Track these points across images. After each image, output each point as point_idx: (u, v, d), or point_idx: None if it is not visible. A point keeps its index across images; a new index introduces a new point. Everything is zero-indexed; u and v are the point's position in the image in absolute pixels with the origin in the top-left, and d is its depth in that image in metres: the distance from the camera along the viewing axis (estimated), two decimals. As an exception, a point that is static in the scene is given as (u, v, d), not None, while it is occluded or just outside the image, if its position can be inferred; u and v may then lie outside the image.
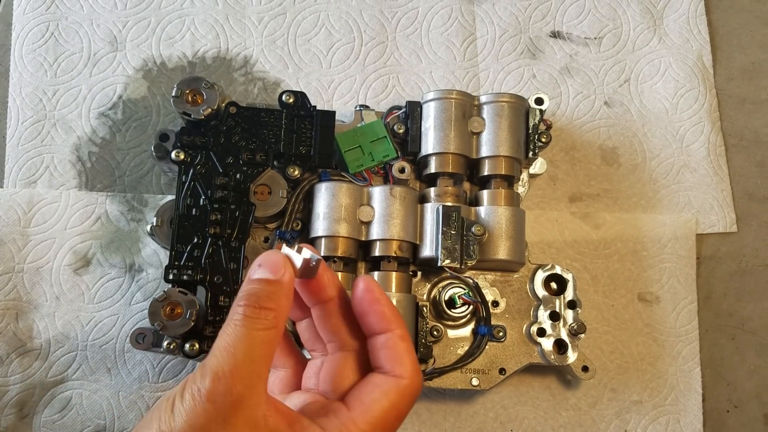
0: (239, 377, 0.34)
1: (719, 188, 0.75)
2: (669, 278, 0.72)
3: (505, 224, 0.64)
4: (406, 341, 0.39)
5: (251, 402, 0.34)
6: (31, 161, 0.73)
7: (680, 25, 0.80)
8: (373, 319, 0.39)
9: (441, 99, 0.66)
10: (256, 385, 0.34)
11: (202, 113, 0.63)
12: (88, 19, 0.77)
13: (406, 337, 0.39)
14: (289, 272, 0.38)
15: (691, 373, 0.71)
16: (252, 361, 0.34)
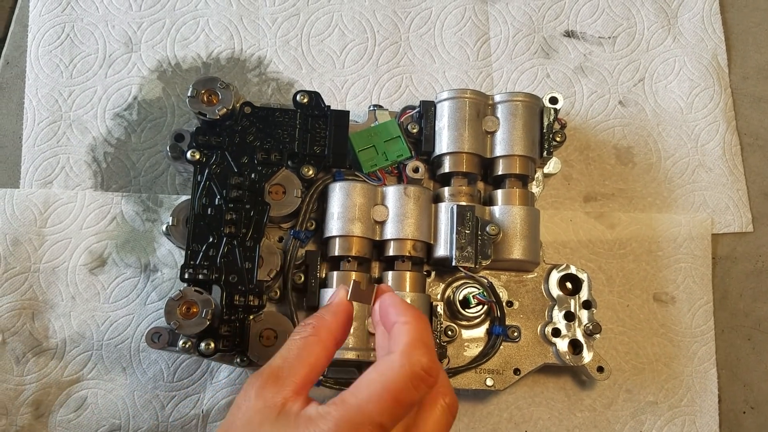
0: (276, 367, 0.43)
1: (735, 188, 0.75)
2: (684, 278, 0.72)
3: (519, 224, 0.64)
4: (408, 324, 0.41)
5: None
6: (47, 162, 0.73)
7: (695, 24, 0.80)
8: (391, 314, 0.43)
9: (455, 98, 0.66)
10: (287, 377, 0.42)
11: (218, 113, 0.63)
12: (103, 20, 0.77)
13: (410, 322, 0.41)
14: (339, 296, 0.47)
15: (707, 373, 0.70)
16: (284, 359, 0.43)
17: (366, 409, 0.38)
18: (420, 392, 0.39)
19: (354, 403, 0.38)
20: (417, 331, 0.41)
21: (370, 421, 0.37)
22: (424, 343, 0.40)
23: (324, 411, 0.39)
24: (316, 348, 0.43)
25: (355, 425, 0.37)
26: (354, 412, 0.38)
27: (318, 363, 0.43)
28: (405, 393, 0.38)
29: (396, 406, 0.38)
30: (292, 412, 0.40)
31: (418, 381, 0.39)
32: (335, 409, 0.38)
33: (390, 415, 0.38)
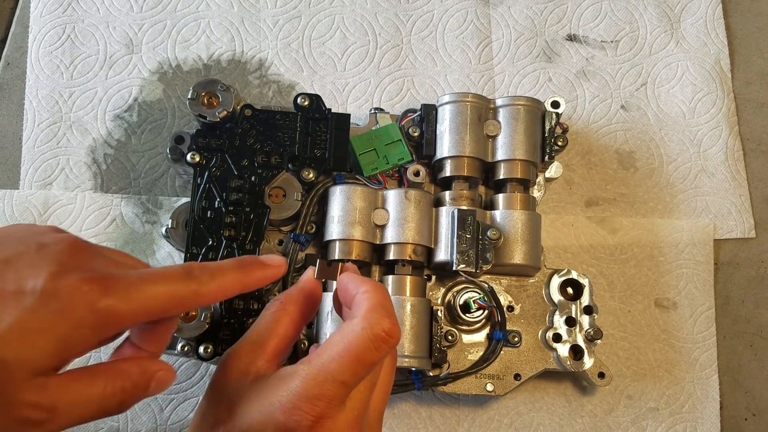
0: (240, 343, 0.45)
1: (737, 193, 0.75)
2: (686, 284, 0.72)
3: (520, 228, 0.63)
4: (368, 293, 0.43)
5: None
6: (47, 163, 0.73)
7: (698, 29, 0.79)
8: (350, 288, 0.45)
9: (456, 102, 0.66)
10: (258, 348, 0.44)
11: (218, 116, 0.63)
12: (104, 21, 0.77)
13: (370, 290, 0.43)
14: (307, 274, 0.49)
15: (708, 380, 0.70)
16: (255, 332, 0.45)
17: (329, 368, 0.39)
18: (381, 352, 0.41)
19: (318, 363, 0.40)
20: (377, 296, 0.43)
21: (332, 379, 0.39)
22: (384, 307, 0.42)
23: (292, 370, 0.41)
24: (284, 320, 0.46)
25: (319, 382, 0.39)
26: (318, 369, 0.39)
27: (287, 334, 0.45)
28: (366, 353, 0.40)
29: (358, 365, 0.40)
30: (266, 377, 0.42)
31: (380, 342, 0.40)
32: (302, 368, 0.40)
33: (352, 374, 0.40)
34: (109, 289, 0.36)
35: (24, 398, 0.34)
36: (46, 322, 0.34)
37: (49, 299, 0.34)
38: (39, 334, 0.34)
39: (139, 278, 0.38)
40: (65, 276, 0.35)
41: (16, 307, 0.34)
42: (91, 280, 0.36)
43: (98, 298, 0.35)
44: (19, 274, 0.35)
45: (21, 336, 0.34)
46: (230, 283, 0.42)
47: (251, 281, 0.44)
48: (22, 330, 0.34)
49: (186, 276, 0.40)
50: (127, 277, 0.37)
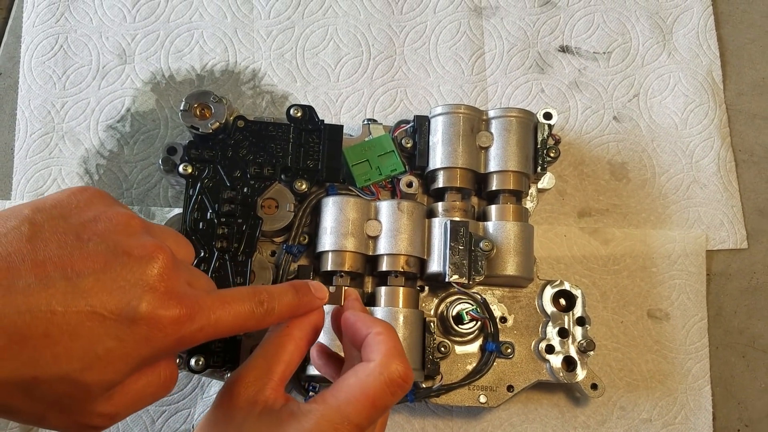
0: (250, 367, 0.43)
1: (729, 204, 0.75)
2: (679, 295, 0.72)
3: (513, 240, 0.63)
4: (382, 335, 0.43)
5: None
6: (39, 173, 0.73)
7: (690, 40, 0.80)
8: (360, 327, 0.45)
9: (449, 113, 0.66)
10: (265, 375, 0.43)
11: (210, 127, 0.62)
12: (97, 32, 0.77)
13: (384, 333, 0.43)
14: None
15: (701, 391, 0.70)
16: (261, 357, 0.44)
17: (345, 411, 0.39)
18: (396, 397, 0.41)
19: (334, 404, 0.40)
20: (391, 340, 0.43)
21: (348, 422, 0.39)
22: (399, 351, 0.42)
23: (306, 409, 0.40)
24: (290, 346, 0.45)
25: (334, 424, 0.39)
26: (334, 412, 0.39)
27: (292, 360, 0.45)
28: (383, 398, 0.40)
29: (373, 409, 0.40)
30: (275, 409, 0.41)
31: (395, 387, 0.41)
32: (316, 408, 0.40)
33: (367, 417, 0.40)
34: (194, 316, 0.37)
35: (94, 410, 0.36)
36: (132, 349, 0.35)
37: (140, 327, 0.34)
38: (122, 360, 0.35)
39: (218, 302, 0.39)
40: (158, 304, 0.35)
41: (107, 334, 0.34)
42: (179, 308, 0.36)
43: (184, 326, 0.36)
44: (109, 296, 0.34)
45: (106, 364, 0.34)
46: (287, 308, 0.44)
47: (302, 308, 0.45)
48: (108, 358, 0.34)
49: (255, 301, 0.41)
50: (208, 301, 0.38)
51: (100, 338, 0.34)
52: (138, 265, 0.36)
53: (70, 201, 0.38)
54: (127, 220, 0.38)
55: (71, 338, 0.33)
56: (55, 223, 0.36)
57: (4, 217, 0.35)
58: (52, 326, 0.32)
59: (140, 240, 0.37)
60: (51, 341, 0.33)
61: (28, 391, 0.33)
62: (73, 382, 0.34)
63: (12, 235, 0.34)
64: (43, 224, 0.35)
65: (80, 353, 0.33)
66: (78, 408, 0.35)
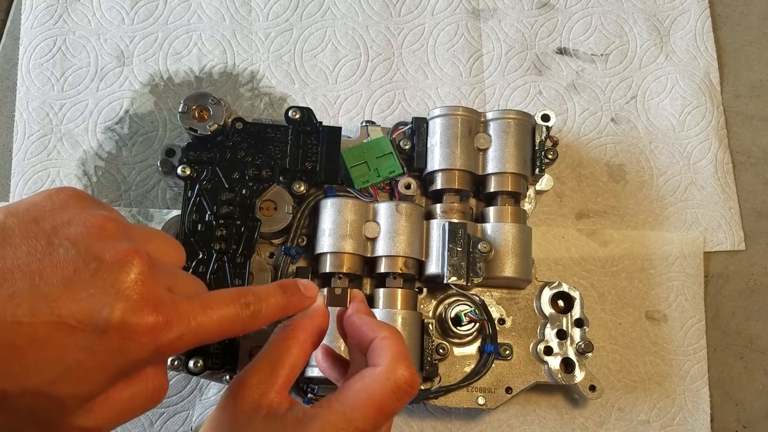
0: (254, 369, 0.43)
1: (727, 206, 0.75)
2: (677, 296, 0.72)
3: (511, 241, 0.63)
4: (388, 340, 0.43)
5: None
6: (37, 175, 0.73)
7: (687, 42, 0.80)
8: (366, 331, 0.44)
9: (447, 115, 0.66)
10: (269, 377, 0.42)
11: (209, 129, 0.62)
12: (95, 33, 0.77)
13: (390, 337, 0.43)
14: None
15: (699, 392, 0.70)
16: (266, 360, 0.43)
17: (351, 416, 0.39)
18: (403, 403, 0.41)
19: (340, 410, 0.39)
20: (398, 345, 0.42)
21: (354, 427, 0.39)
22: (406, 356, 0.42)
23: (311, 413, 0.40)
24: (294, 349, 0.44)
25: (340, 430, 0.39)
26: (340, 417, 0.39)
27: (297, 363, 0.44)
28: (389, 404, 0.40)
29: (379, 415, 0.40)
30: (279, 413, 0.40)
31: (402, 393, 0.40)
32: (322, 413, 0.39)
33: (373, 423, 0.40)
34: (172, 323, 0.34)
35: (72, 423, 0.34)
36: (105, 360, 0.33)
37: (110, 337, 0.32)
38: (96, 371, 0.33)
39: (199, 307, 0.37)
40: (131, 311, 0.33)
41: (76, 345, 0.32)
42: (155, 314, 0.34)
43: (161, 334, 0.34)
44: (79, 305, 0.32)
45: (78, 374, 0.32)
46: (275, 310, 0.42)
47: (291, 308, 0.44)
48: (79, 369, 0.32)
49: (241, 303, 0.39)
50: (188, 306, 0.36)
51: (69, 349, 0.32)
52: (110, 272, 0.33)
53: (45, 204, 0.36)
54: (102, 222, 0.35)
55: (39, 349, 0.31)
56: (27, 228, 0.34)
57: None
58: (18, 337, 0.31)
59: (114, 244, 0.35)
60: (18, 353, 0.31)
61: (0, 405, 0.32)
62: (45, 395, 0.32)
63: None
64: (14, 229, 0.33)
65: (49, 364, 0.32)
66: (55, 422, 0.34)
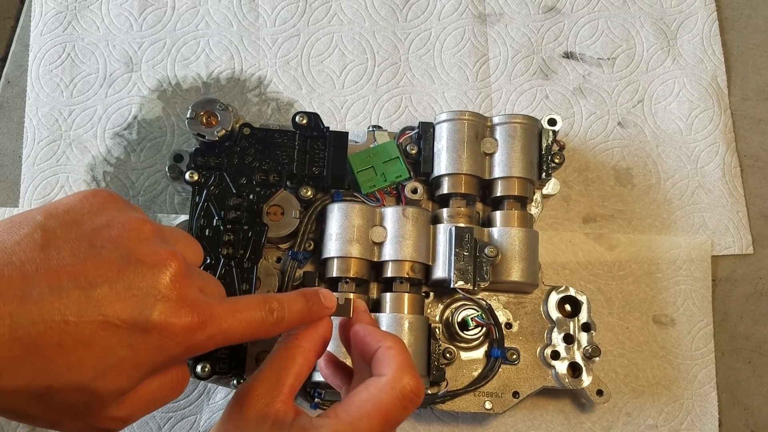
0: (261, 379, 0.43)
1: (735, 209, 0.75)
2: (684, 300, 0.72)
3: (518, 245, 0.63)
4: (393, 349, 0.43)
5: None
6: (47, 181, 0.73)
7: (694, 46, 0.80)
8: (370, 341, 0.45)
9: (454, 120, 0.66)
10: (275, 386, 0.43)
11: (217, 135, 0.63)
12: (104, 40, 0.78)
13: (394, 347, 0.43)
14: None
15: (707, 397, 0.70)
16: (271, 369, 0.44)
17: (358, 426, 0.40)
18: (408, 412, 0.41)
19: (347, 419, 0.40)
20: (402, 354, 0.43)
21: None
22: (411, 365, 0.43)
23: (318, 423, 0.40)
24: (299, 358, 0.44)
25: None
26: (347, 426, 0.40)
27: (301, 372, 0.44)
28: (395, 413, 0.41)
29: (386, 423, 0.40)
30: (286, 422, 0.41)
31: (407, 402, 0.41)
32: (329, 423, 0.40)
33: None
34: (206, 324, 0.36)
35: (107, 414, 0.36)
36: (145, 357, 0.35)
37: (152, 336, 0.34)
38: (134, 368, 0.35)
39: (230, 311, 0.39)
40: (171, 312, 0.35)
41: (120, 343, 0.34)
42: (191, 316, 0.36)
43: (195, 334, 0.36)
44: (123, 305, 0.34)
45: (118, 372, 0.34)
46: (297, 317, 0.43)
47: (312, 316, 0.45)
48: (120, 366, 0.34)
49: (266, 309, 0.41)
50: (220, 309, 0.38)
51: (113, 347, 0.33)
52: (151, 273, 0.35)
53: (83, 205, 0.37)
54: (139, 225, 0.37)
55: (85, 348, 0.33)
56: (68, 230, 0.35)
57: (17, 223, 0.35)
58: (65, 336, 0.32)
59: (153, 247, 0.37)
60: (64, 351, 0.32)
61: (42, 399, 0.33)
62: (87, 391, 0.34)
63: (25, 242, 0.34)
64: (55, 231, 0.35)
65: (93, 362, 0.33)
66: (92, 413, 0.35)
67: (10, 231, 0.34)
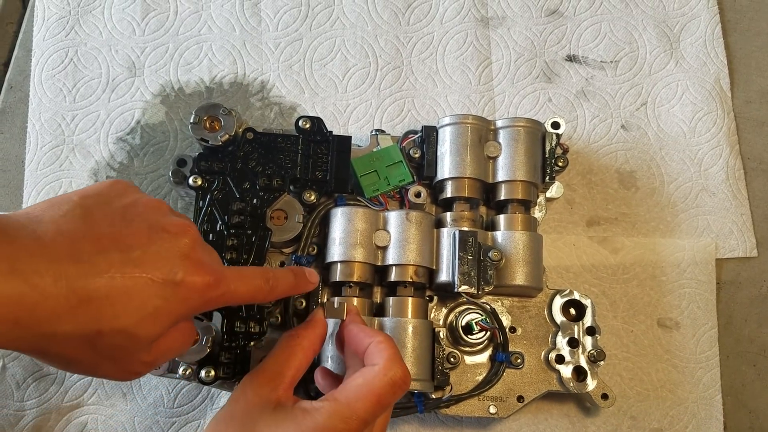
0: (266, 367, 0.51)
1: (739, 212, 0.75)
2: (689, 304, 0.71)
3: (522, 249, 0.63)
4: (383, 343, 0.50)
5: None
6: (50, 186, 0.73)
7: (697, 49, 0.80)
8: (362, 338, 0.52)
9: (457, 123, 0.66)
10: (277, 377, 0.50)
11: (220, 139, 0.63)
12: (106, 45, 0.78)
13: (384, 341, 0.50)
14: (317, 314, 0.57)
15: (712, 400, 0.69)
16: (275, 363, 0.51)
17: (355, 407, 0.46)
18: (397, 396, 0.48)
19: (344, 401, 0.46)
20: (392, 348, 0.50)
21: (357, 416, 0.45)
22: (399, 357, 0.49)
23: (317, 405, 0.46)
24: (299, 353, 0.52)
25: (344, 418, 0.45)
26: (344, 407, 0.46)
27: (301, 366, 0.52)
28: (386, 396, 0.47)
29: (378, 405, 0.46)
30: (287, 406, 0.47)
31: (397, 388, 0.47)
32: (328, 405, 0.46)
33: (373, 413, 0.46)
34: (219, 283, 0.44)
35: (139, 358, 0.42)
36: (173, 307, 0.42)
37: (180, 290, 0.42)
38: (165, 316, 0.41)
39: (236, 275, 0.47)
40: (192, 271, 0.42)
41: (155, 295, 0.41)
42: (209, 275, 0.43)
43: (211, 290, 0.44)
44: (156, 265, 0.41)
45: (154, 319, 0.41)
46: (286, 288, 0.52)
47: (299, 289, 0.54)
48: (155, 314, 0.41)
49: (264, 278, 0.49)
50: (228, 273, 0.46)
51: (150, 298, 0.40)
52: (175, 239, 0.43)
53: (110, 190, 0.45)
54: (158, 204, 0.46)
55: (128, 298, 0.39)
56: (102, 207, 0.42)
57: (57, 203, 0.41)
58: (112, 289, 0.39)
59: (172, 219, 0.45)
60: (111, 301, 0.39)
61: (91, 343, 0.39)
62: (129, 335, 0.40)
63: (68, 216, 0.40)
64: (92, 208, 0.42)
65: (134, 311, 0.40)
66: (128, 357, 0.42)
67: (52, 208, 0.41)
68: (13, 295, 0.36)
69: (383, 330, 0.61)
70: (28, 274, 0.36)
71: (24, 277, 0.36)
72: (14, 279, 0.36)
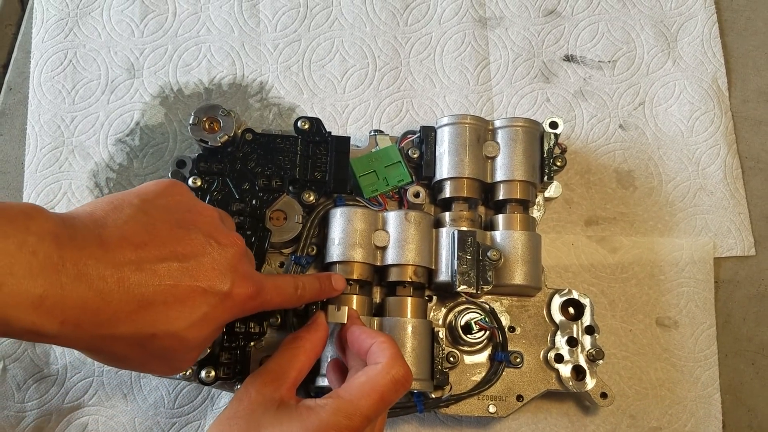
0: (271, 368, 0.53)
1: (736, 211, 0.75)
2: (687, 302, 0.72)
3: (521, 249, 0.64)
4: (385, 343, 0.51)
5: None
6: (49, 187, 0.73)
7: (694, 48, 0.80)
8: (364, 339, 0.53)
9: (455, 124, 0.66)
10: (281, 378, 0.52)
11: (219, 140, 0.63)
12: (105, 46, 0.78)
13: (386, 342, 0.51)
14: (319, 317, 0.58)
15: (710, 399, 0.70)
16: (278, 363, 0.53)
17: (358, 403, 0.47)
18: (399, 394, 0.49)
19: (348, 398, 0.47)
20: (394, 348, 0.51)
21: (360, 413, 0.46)
22: (401, 357, 0.51)
23: (321, 402, 0.47)
24: (302, 355, 0.54)
25: (348, 415, 0.46)
26: (347, 404, 0.46)
27: (303, 368, 0.53)
28: (389, 394, 0.48)
29: (381, 402, 0.47)
30: (291, 405, 0.48)
31: (399, 386, 0.48)
32: (332, 402, 0.47)
33: (375, 410, 0.47)
34: (260, 293, 0.48)
35: (184, 357, 0.46)
36: (219, 314, 0.45)
37: (226, 300, 0.45)
38: (212, 321, 0.45)
39: (273, 286, 0.51)
40: (238, 283, 0.46)
41: (205, 303, 0.44)
42: (252, 287, 0.47)
43: (252, 300, 0.48)
44: (208, 275, 0.45)
45: (202, 324, 0.44)
46: (312, 295, 0.56)
47: (323, 294, 0.58)
48: (204, 321, 0.44)
49: (294, 286, 0.54)
50: (268, 284, 0.50)
51: (200, 306, 0.44)
52: (225, 251, 0.46)
53: (167, 192, 0.48)
54: (211, 212, 0.49)
55: (182, 305, 0.43)
56: (162, 214, 0.45)
57: (118, 205, 0.44)
58: (169, 296, 0.42)
59: (224, 231, 0.48)
60: (167, 307, 0.42)
61: (144, 344, 0.43)
62: (179, 338, 0.43)
63: (132, 222, 0.43)
64: (153, 214, 0.45)
65: (186, 316, 0.43)
66: (174, 356, 0.45)
67: (115, 212, 0.43)
68: (78, 299, 0.38)
69: (382, 330, 0.61)
70: (94, 279, 0.39)
71: (89, 283, 0.38)
72: (80, 284, 0.38)
